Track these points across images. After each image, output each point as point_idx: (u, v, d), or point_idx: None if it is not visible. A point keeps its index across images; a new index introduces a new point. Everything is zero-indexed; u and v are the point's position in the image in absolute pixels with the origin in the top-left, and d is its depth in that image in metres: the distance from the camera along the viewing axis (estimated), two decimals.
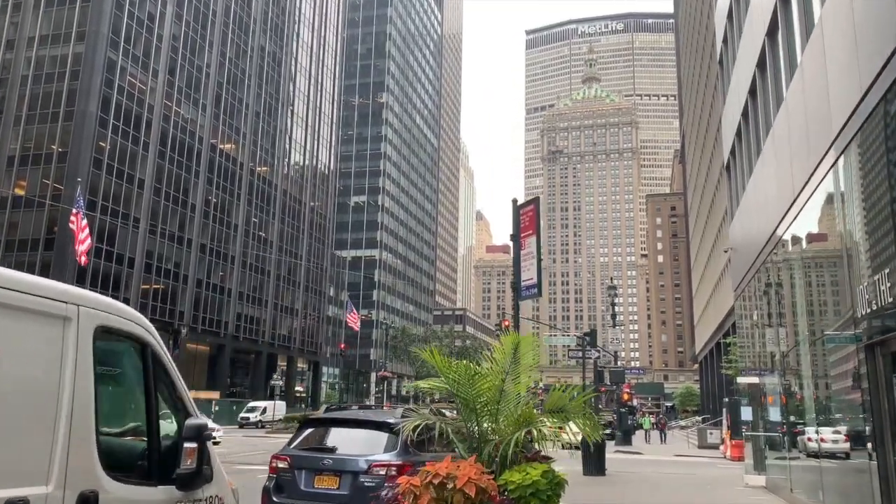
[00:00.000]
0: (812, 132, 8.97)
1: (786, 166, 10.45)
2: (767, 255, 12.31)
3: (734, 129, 15.35)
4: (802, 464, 10.49)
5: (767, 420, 13.45)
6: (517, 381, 5.25)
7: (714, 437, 32.51)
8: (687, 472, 19.35)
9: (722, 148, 37.64)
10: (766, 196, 11.92)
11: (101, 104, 50.99)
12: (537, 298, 61.34)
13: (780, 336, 12.25)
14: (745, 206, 14.50)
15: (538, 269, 7.70)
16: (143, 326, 3.37)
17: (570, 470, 17.11)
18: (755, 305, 14.51)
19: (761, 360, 14.14)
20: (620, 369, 29.81)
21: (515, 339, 5.35)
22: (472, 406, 4.91)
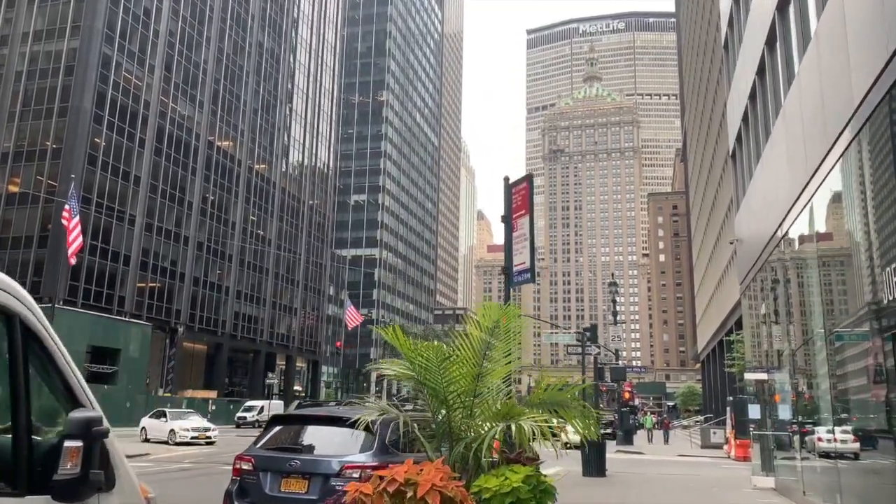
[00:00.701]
0: (829, 107, 8.30)
1: (798, 145, 9.78)
2: (777, 243, 11.62)
3: (740, 114, 14.67)
4: (817, 464, 9.81)
5: (777, 419, 12.77)
6: (496, 367, 4.53)
7: (718, 437, 31.83)
8: (691, 473, 18.67)
9: (727, 137, 36.99)
10: (777, 180, 11.24)
11: (95, 100, 50.36)
12: (538, 298, 61.15)
13: (791, 330, 11.57)
14: (752, 194, 13.82)
15: (531, 252, 7.04)
16: (8, 292, 2.65)
17: (569, 471, 16.41)
18: (763, 299, 13.83)
19: (770, 355, 13.46)
20: (621, 367, 29.06)
21: (495, 311, 4.62)
22: (441, 396, 4.22)
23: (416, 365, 4.34)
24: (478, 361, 4.39)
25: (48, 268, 46.87)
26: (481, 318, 4.57)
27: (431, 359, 4.25)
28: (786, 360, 11.84)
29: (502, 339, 4.45)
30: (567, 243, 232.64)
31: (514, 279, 7.34)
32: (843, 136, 7.73)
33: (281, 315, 75.87)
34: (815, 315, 9.72)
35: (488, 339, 4.37)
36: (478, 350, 4.43)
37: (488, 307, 4.62)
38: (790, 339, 11.07)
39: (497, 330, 4.49)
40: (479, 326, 4.55)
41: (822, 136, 8.56)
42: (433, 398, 4.32)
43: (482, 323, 4.52)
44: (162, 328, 57.13)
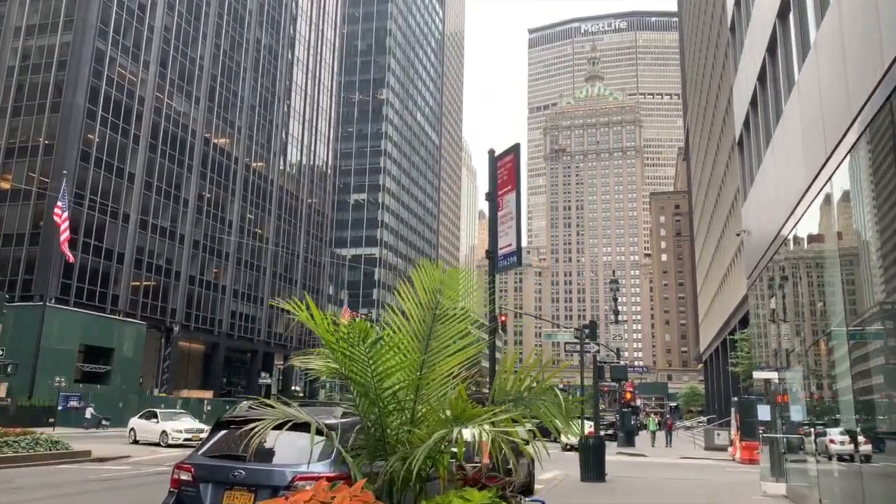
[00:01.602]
0: (853, 77, 7.45)
1: (815, 124, 8.93)
2: (790, 231, 10.77)
3: (748, 96, 13.82)
4: (837, 467, 8.95)
5: (788, 420, 11.90)
6: (445, 354, 3.60)
7: (722, 439, 30.93)
8: (695, 477, 17.77)
9: (732, 130, 36.06)
10: (790, 164, 10.39)
11: (89, 95, 49.60)
12: (539, 298, 60.14)
13: (804, 325, 10.71)
14: (762, 181, 12.97)
15: (517, 232, 6.20)
16: None
17: (567, 475, 15.55)
18: (774, 293, 12.96)
19: (780, 352, 12.59)
20: (622, 365, 28.09)
21: (438, 275, 3.69)
22: (372, 395, 3.32)
23: (337, 352, 3.42)
24: (419, 346, 3.48)
25: (40, 266, 46.10)
26: (421, 286, 3.64)
27: (356, 342, 3.34)
28: (799, 357, 10.98)
29: (452, 317, 3.55)
30: (568, 243, 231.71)
31: (499, 263, 6.50)
32: (870, 102, 6.90)
33: (279, 314, 75.03)
34: (835, 309, 8.87)
35: (432, 313, 3.46)
36: (419, 331, 3.52)
37: (429, 268, 3.69)
38: (804, 335, 10.21)
39: (444, 301, 3.56)
40: (418, 299, 3.63)
41: (845, 111, 7.72)
42: (362, 397, 3.41)
43: (423, 293, 3.60)
44: (157, 327, 56.39)
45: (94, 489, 13.21)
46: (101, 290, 50.37)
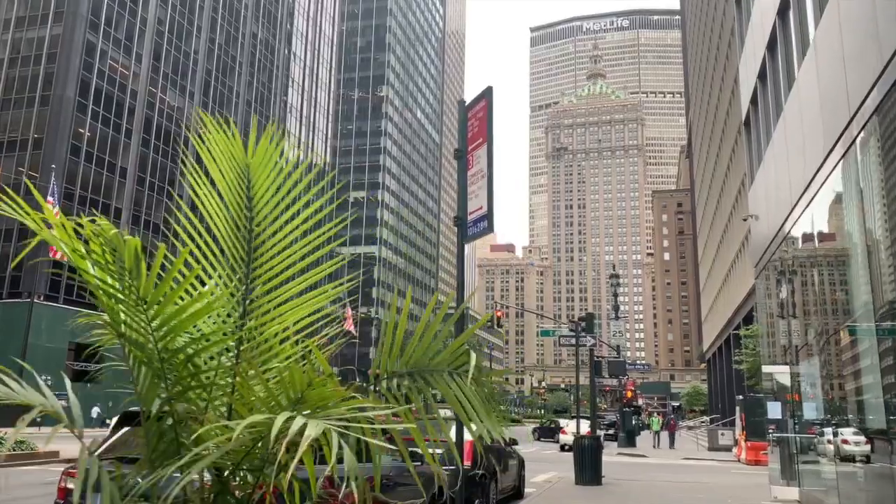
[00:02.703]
0: (884, 31, 6.42)
1: (836, 78, 7.88)
2: (804, 210, 9.73)
3: (756, 69, 12.77)
4: (860, 470, 7.90)
5: (801, 419, 10.87)
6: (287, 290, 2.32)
7: (726, 439, 29.87)
8: (699, 480, 16.69)
9: (738, 114, 35.00)
10: (805, 131, 9.34)
11: (79, 89, 48.67)
12: (541, 297, 58.69)
13: (822, 315, 9.66)
14: (772, 158, 11.92)
15: (489, 192, 5.19)
16: None
17: (561, 477, 14.50)
18: (786, 280, 11.92)
19: (792, 346, 11.54)
20: (620, 360, 26.96)
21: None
22: (156, 362, 2.08)
23: (101, 293, 2.09)
24: (236, 276, 2.26)
25: (28, 262, 45.09)
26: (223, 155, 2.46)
27: (114, 266, 1.99)
28: (815, 350, 9.93)
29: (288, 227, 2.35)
30: (570, 242, 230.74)
31: (468, 230, 5.47)
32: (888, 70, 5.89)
33: None
34: (860, 299, 7.82)
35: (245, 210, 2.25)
36: (233, 249, 2.32)
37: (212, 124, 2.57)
38: (822, 327, 9.16)
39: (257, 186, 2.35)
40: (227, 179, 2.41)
41: (869, 67, 6.68)
42: (142, 366, 2.11)
43: (227, 172, 2.41)
44: None
45: (51, 493, 12.18)
46: None
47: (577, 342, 15.71)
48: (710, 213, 59.44)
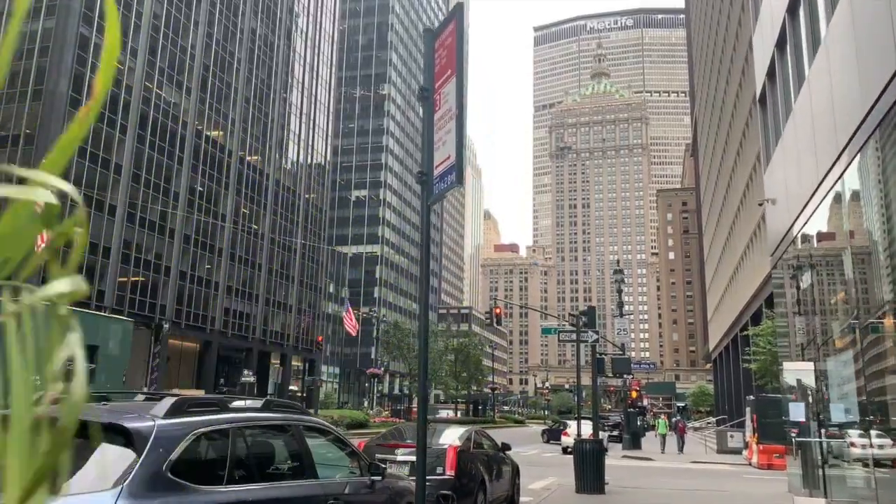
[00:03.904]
0: None
1: (876, 34, 6.77)
2: (834, 185, 8.60)
3: (774, 38, 11.64)
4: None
5: (828, 421, 9.73)
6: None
7: (735, 441, 28.68)
8: (711, 487, 15.50)
9: (747, 97, 33.84)
10: (835, 96, 8.21)
11: (72, 83, 47.74)
12: (545, 297, 56.89)
13: (857, 305, 8.53)
14: (791, 132, 10.78)
15: (459, 138, 4.10)
16: None
17: (561, 483, 13.34)
18: (811, 268, 10.77)
19: (818, 340, 10.40)
20: (625, 357, 25.77)
21: None
22: None
23: None
24: None
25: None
26: None
27: None
28: (847, 344, 8.80)
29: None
30: (574, 242, 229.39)
31: (434, 186, 4.36)
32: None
33: (275, 312, 73.10)
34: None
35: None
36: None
37: None
38: (860, 314, 8.01)
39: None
40: None
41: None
42: None
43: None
44: (146, 325, 54.44)
45: None
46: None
47: (578, 337, 14.61)
48: (717, 211, 58.25)
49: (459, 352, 70.11)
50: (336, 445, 5.02)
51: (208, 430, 3.66)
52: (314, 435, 4.77)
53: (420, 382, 4.22)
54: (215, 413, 3.80)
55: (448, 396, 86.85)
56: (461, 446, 8.61)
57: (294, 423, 4.45)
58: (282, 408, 4.55)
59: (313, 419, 4.85)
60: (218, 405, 3.89)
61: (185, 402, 3.67)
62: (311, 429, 4.70)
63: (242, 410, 4.12)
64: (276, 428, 4.40)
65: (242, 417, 3.99)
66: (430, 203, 4.42)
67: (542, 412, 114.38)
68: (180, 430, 3.47)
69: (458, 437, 8.98)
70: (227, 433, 3.77)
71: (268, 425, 4.32)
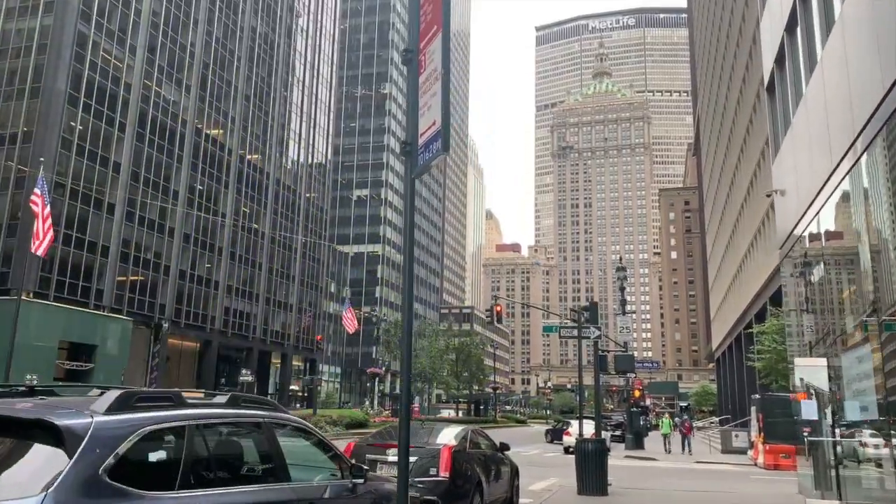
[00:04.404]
0: None
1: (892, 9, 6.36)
2: (848, 170, 8.17)
3: (784, 20, 11.19)
4: None
5: (843, 420, 9.28)
6: None
7: (740, 441, 28.19)
8: (717, 489, 15.03)
9: (751, 92, 33.34)
10: (852, 73, 7.77)
11: (70, 81, 47.35)
12: (547, 297, 56.61)
13: (871, 296, 8.10)
14: (803, 117, 10.33)
15: (444, 101, 3.67)
16: None
17: (563, 485, 12.90)
18: (824, 260, 10.32)
19: (831, 335, 9.94)
20: (628, 354, 25.26)
21: None
22: None
23: None
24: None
25: (17, 258, 43.84)
26: None
27: None
28: (864, 337, 8.35)
29: None
30: (577, 241, 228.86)
31: (419, 157, 3.93)
32: None
33: (275, 312, 72.72)
34: None
35: None
36: None
37: None
38: (881, 305, 7.57)
39: None
40: None
41: None
42: None
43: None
44: (146, 324, 54.10)
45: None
46: (84, 283, 48.12)
47: (580, 333, 14.15)
48: (720, 209, 57.76)
49: (460, 351, 69.64)
50: (315, 446, 4.60)
51: (159, 427, 3.24)
52: (289, 434, 4.35)
53: (403, 370, 3.79)
54: (169, 409, 3.38)
55: (449, 396, 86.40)
56: (457, 446, 8.18)
57: (264, 421, 4.02)
58: (251, 404, 4.11)
59: (288, 417, 4.41)
60: (173, 400, 3.46)
61: (132, 395, 3.24)
62: (286, 427, 4.27)
63: (202, 406, 3.69)
64: (242, 426, 3.98)
65: (201, 414, 3.56)
66: (415, 175, 4.00)
67: (543, 412, 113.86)
68: (124, 427, 3.05)
69: (454, 437, 8.55)
70: (183, 431, 3.35)
71: (233, 423, 3.89)
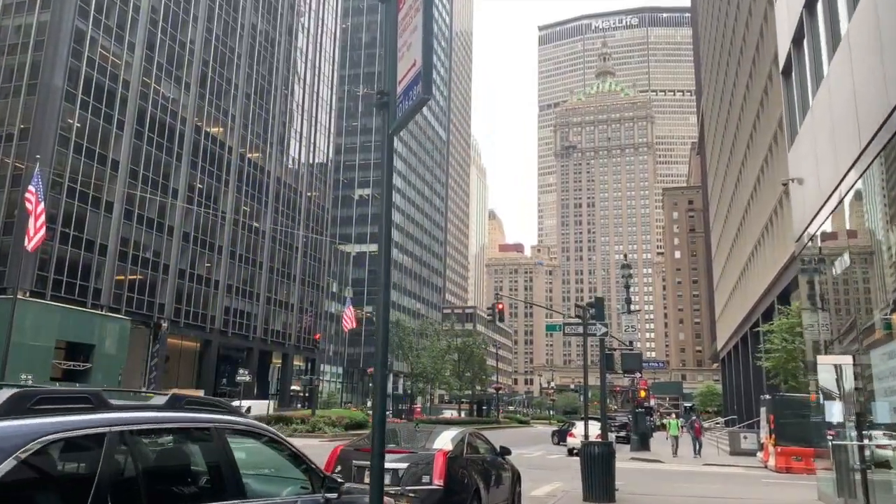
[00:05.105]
0: None
1: None
2: (877, 154, 7.49)
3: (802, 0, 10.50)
4: None
5: (870, 421, 8.59)
6: None
7: (749, 442, 27.47)
8: (732, 494, 14.28)
9: (758, 84, 32.58)
10: (883, 49, 7.09)
11: (68, 77, 46.81)
12: (550, 297, 55.81)
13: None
14: (825, 96, 9.64)
15: (425, 38, 3.02)
16: None
17: (568, 490, 12.20)
18: (844, 250, 9.63)
19: (855, 332, 9.25)
20: (635, 352, 24.56)
21: None
22: None
23: None
24: None
25: (13, 256, 43.29)
26: None
27: None
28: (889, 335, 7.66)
29: None
30: (580, 241, 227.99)
31: (398, 105, 3.27)
32: None
33: (276, 311, 72.12)
34: None
35: None
36: None
37: None
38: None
39: None
40: None
41: None
42: None
43: None
44: (145, 323, 53.54)
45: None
46: (82, 283, 47.56)
47: (585, 331, 13.49)
48: (725, 207, 56.99)
49: (462, 351, 68.96)
50: (280, 454, 3.93)
51: (66, 436, 2.59)
52: (248, 441, 3.69)
53: (378, 355, 3.14)
54: (83, 412, 2.72)
55: (452, 396, 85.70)
56: (453, 451, 7.52)
57: (214, 427, 3.35)
58: (196, 406, 3.42)
59: (247, 421, 3.72)
60: (91, 401, 2.80)
61: (29, 396, 2.60)
62: (243, 433, 3.61)
63: (132, 409, 3.02)
64: (183, 433, 3.31)
65: (128, 419, 2.89)
66: (394, 130, 3.34)
67: (547, 412, 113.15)
68: (15, 437, 2.41)
69: (450, 441, 7.89)
70: (101, 440, 2.69)
71: (171, 429, 3.22)
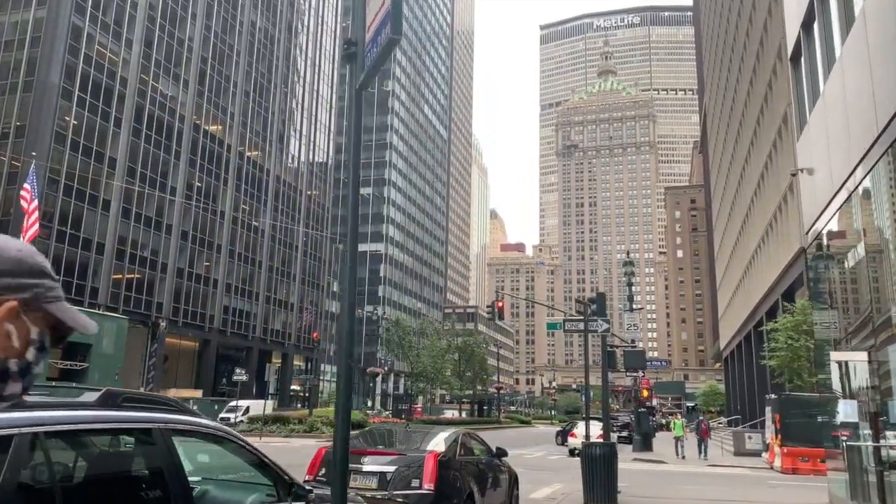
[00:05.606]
0: None
1: None
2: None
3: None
4: None
5: (889, 420, 8.13)
6: None
7: (754, 443, 26.99)
8: (739, 497, 13.79)
9: (760, 81, 32.12)
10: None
11: (64, 74, 46.43)
12: (552, 297, 55.12)
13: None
14: (839, 79, 9.18)
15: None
16: None
17: (568, 493, 11.70)
18: (858, 242, 9.16)
19: (872, 327, 8.78)
20: (639, 350, 24.03)
21: None
22: None
23: None
24: None
25: None
26: None
27: None
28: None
29: None
30: (581, 240, 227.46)
31: (367, 53, 2.79)
32: None
33: (276, 310, 71.71)
34: None
35: None
36: None
37: None
38: None
39: None
40: None
41: None
42: None
43: None
44: (143, 323, 53.15)
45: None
46: (79, 281, 47.17)
47: (586, 327, 13.06)
48: (728, 205, 56.48)
49: (463, 351, 68.47)
50: (241, 458, 3.46)
51: None
52: (204, 444, 3.23)
53: (340, 352, 2.70)
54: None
55: (452, 396, 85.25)
56: (445, 453, 7.07)
57: (157, 428, 2.87)
58: (136, 403, 2.93)
59: (200, 421, 3.22)
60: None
61: None
62: (194, 435, 3.14)
63: (52, 407, 2.56)
64: (117, 434, 2.85)
65: (41, 419, 2.42)
66: (363, 83, 2.89)
67: (548, 412, 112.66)
68: None
69: (442, 442, 7.44)
70: (6, 445, 2.24)
71: (102, 430, 2.76)
